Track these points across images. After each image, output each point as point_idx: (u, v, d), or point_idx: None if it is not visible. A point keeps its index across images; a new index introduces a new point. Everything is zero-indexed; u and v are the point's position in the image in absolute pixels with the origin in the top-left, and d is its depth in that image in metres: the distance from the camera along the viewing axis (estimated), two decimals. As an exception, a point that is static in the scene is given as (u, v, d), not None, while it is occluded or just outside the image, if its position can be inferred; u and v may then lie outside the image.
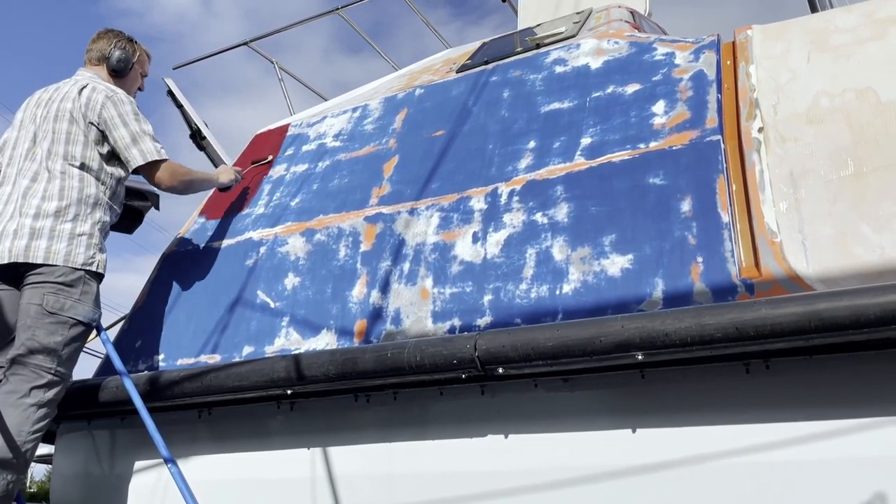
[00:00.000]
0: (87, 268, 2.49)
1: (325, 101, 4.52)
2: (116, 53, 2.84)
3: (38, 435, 2.32)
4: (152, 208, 3.26)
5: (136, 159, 2.66)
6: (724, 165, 2.26)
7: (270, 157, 3.53)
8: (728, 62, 2.57)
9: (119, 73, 2.85)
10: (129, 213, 3.14)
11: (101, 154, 2.66)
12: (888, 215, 1.95)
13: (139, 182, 3.14)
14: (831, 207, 2.04)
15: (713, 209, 2.20)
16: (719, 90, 2.48)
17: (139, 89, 2.99)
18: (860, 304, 1.66)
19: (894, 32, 2.27)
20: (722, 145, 2.30)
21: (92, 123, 2.63)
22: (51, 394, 2.36)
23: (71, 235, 2.49)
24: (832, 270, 1.95)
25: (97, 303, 2.54)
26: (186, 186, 2.86)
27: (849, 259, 1.95)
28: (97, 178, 2.63)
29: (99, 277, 2.55)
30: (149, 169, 2.71)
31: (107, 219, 2.66)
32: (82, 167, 2.60)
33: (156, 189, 3.03)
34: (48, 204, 2.49)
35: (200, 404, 2.72)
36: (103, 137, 2.66)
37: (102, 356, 3.16)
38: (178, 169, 2.79)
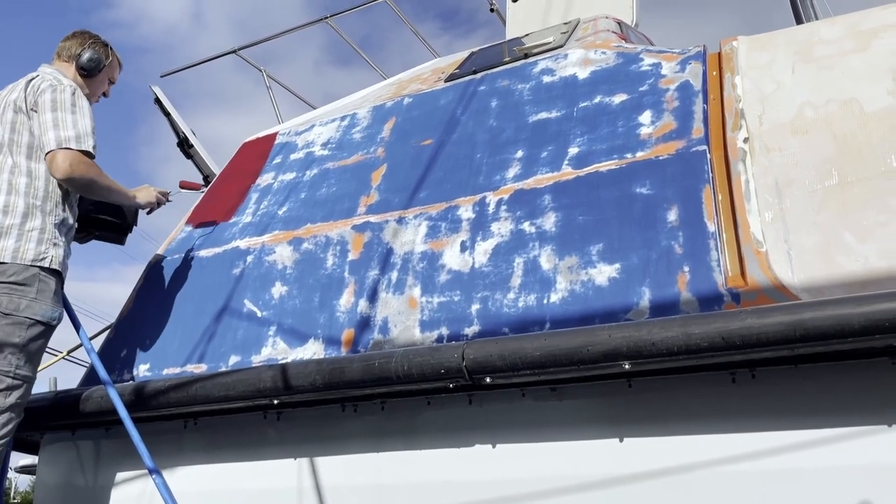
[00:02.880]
0: (38, 264, 2.38)
1: (314, 109, 4.52)
2: (88, 53, 2.75)
3: (4, 441, 2.27)
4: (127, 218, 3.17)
5: (48, 144, 2.43)
6: (710, 175, 2.28)
7: (202, 188, 3.50)
8: (714, 73, 2.59)
9: (88, 72, 2.75)
10: (112, 227, 3.08)
11: None
12: (872, 225, 1.97)
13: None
14: (816, 217, 2.06)
15: (699, 219, 2.21)
16: (705, 100, 2.50)
17: (104, 94, 2.89)
18: (844, 313, 1.68)
19: (877, 44, 2.30)
20: (708, 155, 2.32)
21: (33, 110, 2.51)
22: (12, 398, 2.29)
23: (20, 231, 2.39)
24: (817, 280, 1.97)
25: (57, 300, 2.44)
26: (87, 183, 2.52)
27: (833, 268, 1.96)
28: (48, 172, 2.48)
29: (57, 274, 2.45)
30: (52, 156, 2.43)
31: (63, 213, 2.52)
32: (29, 159, 2.48)
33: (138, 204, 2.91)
34: None
35: (186, 414, 2.70)
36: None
37: (87, 365, 3.13)
38: (90, 164, 2.50)
